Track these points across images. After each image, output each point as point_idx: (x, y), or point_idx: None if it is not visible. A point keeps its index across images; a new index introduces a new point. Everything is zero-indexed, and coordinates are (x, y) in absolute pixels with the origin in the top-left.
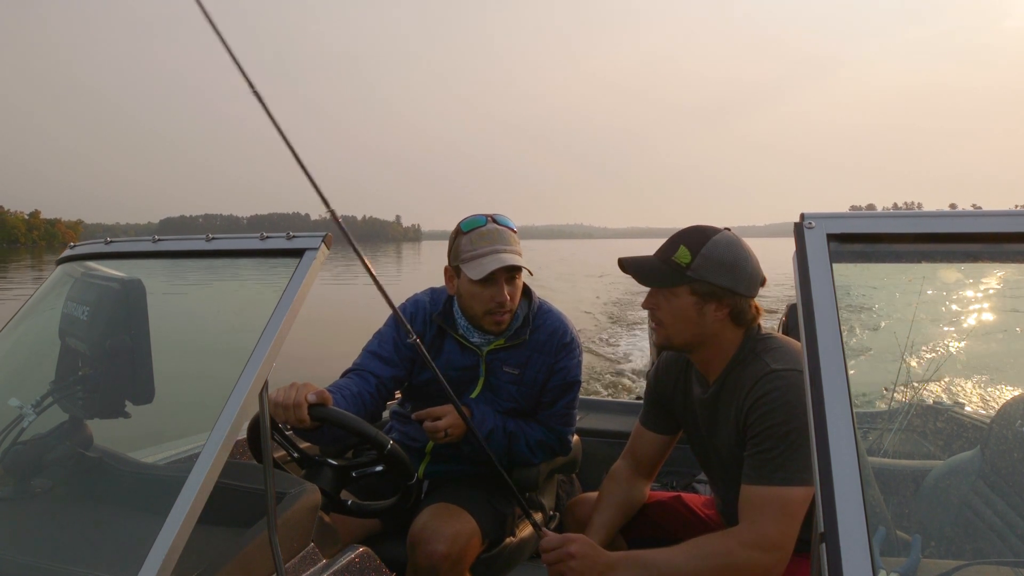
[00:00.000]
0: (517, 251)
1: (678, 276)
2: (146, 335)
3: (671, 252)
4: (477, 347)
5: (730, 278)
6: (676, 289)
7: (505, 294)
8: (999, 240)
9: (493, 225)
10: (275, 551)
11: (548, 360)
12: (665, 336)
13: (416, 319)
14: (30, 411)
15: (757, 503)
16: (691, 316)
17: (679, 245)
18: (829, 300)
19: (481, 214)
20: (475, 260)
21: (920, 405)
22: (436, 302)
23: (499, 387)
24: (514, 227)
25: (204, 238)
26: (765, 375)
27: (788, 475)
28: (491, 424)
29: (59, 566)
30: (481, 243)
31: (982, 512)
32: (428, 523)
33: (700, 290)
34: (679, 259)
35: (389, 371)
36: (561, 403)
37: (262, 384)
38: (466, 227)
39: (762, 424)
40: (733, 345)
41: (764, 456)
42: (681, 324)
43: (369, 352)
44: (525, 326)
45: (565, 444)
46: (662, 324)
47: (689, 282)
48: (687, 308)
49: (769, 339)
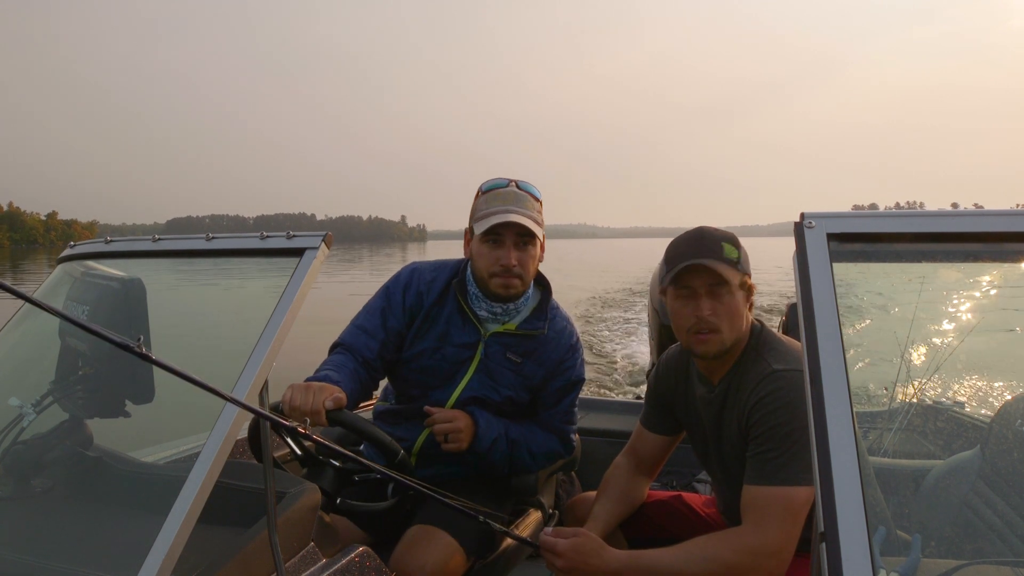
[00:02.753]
0: (533, 216)
1: (736, 272)
2: (146, 335)
3: (719, 250)
4: (481, 324)
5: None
6: (732, 287)
7: (512, 256)
8: (999, 240)
9: (514, 188)
10: (275, 551)
11: (552, 357)
12: (720, 342)
13: (410, 288)
14: (30, 411)
15: (760, 504)
16: (742, 312)
17: (720, 243)
18: (829, 300)
19: (505, 178)
20: (485, 219)
21: (920, 405)
22: (440, 270)
23: (496, 372)
24: (538, 195)
25: (204, 237)
26: (767, 375)
27: (791, 475)
28: (495, 432)
29: (59, 566)
30: (495, 202)
31: (982, 512)
32: (408, 552)
33: (744, 285)
34: (729, 255)
35: (375, 346)
36: (565, 402)
37: (262, 384)
38: (487, 187)
39: (764, 425)
40: (745, 339)
41: (766, 456)
42: (734, 322)
43: (356, 327)
44: (540, 319)
45: (568, 444)
46: (718, 330)
47: (741, 276)
48: (740, 304)
49: (771, 339)
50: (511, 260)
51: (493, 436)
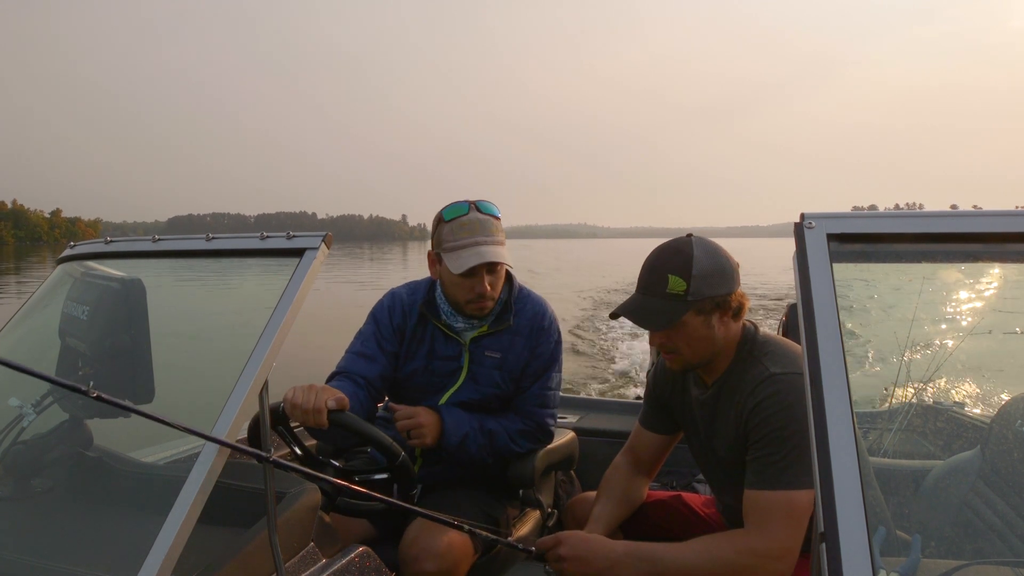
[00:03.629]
0: (499, 240)
1: (682, 307)
2: (146, 335)
3: (663, 285)
4: (459, 334)
5: (722, 284)
6: (684, 318)
7: (486, 285)
8: (999, 240)
9: (475, 214)
10: (275, 551)
11: (529, 343)
12: (684, 361)
13: (395, 311)
14: (30, 411)
15: (763, 508)
16: (704, 335)
17: (666, 275)
18: (829, 300)
19: (464, 201)
20: (455, 252)
21: (920, 405)
22: (415, 291)
23: (481, 374)
24: (498, 214)
25: (204, 238)
26: (765, 379)
27: (792, 479)
28: (466, 427)
29: (59, 566)
30: (462, 233)
31: (982, 512)
32: (416, 539)
33: (704, 308)
34: (674, 289)
35: (376, 369)
36: (536, 386)
37: (262, 384)
38: (448, 215)
39: (764, 429)
40: (734, 343)
41: (767, 461)
42: (696, 345)
43: (352, 353)
44: (507, 311)
45: (544, 428)
46: (678, 352)
47: (692, 307)
48: (698, 329)
49: (767, 342)
50: (486, 287)
51: (464, 431)
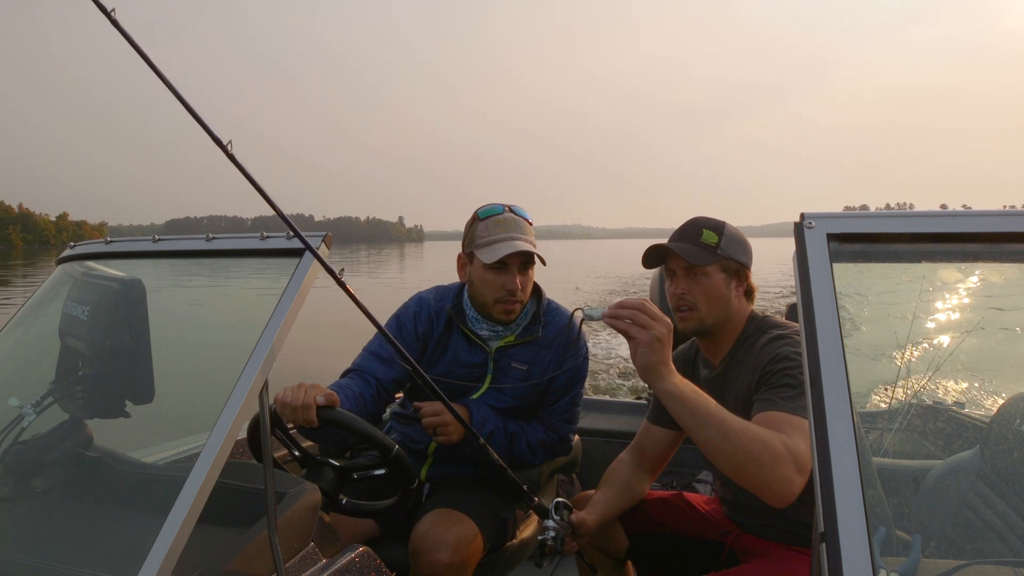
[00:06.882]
0: (532, 241)
1: (711, 255)
2: (146, 335)
3: (697, 235)
4: (485, 342)
5: (746, 255)
6: (709, 268)
7: (517, 282)
8: (998, 240)
9: (510, 214)
10: (275, 551)
11: (556, 357)
12: (698, 319)
13: (420, 317)
14: (30, 411)
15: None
16: (723, 293)
17: (701, 228)
18: (829, 300)
19: (499, 203)
20: (490, 245)
21: (920, 405)
22: (443, 297)
23: (507, 383)
24: (530, 219)
25: (204, 238)
26: (775, 337)
27: (799, 408)
28: (492, 426)
29: (59, 566)
30: (497, 230)
31: (982, 512)
32: (430, 530)
33: (728, 267)
34: (708, 240)
35: (391, 373)
36: (564, 401)
37: (262, 384)
38: (483, 214)
39: (778, 366)
40: (743, 320)
41: (785, 392)
42: (714, 302)
43: (370, 352)
44: (536, 323)
45: (566, 443)
46: (694, 307)
47: (720, 260)
48: (719, 286)
49: (774, 319)
50: (516, 285)
51: (489, 429)
